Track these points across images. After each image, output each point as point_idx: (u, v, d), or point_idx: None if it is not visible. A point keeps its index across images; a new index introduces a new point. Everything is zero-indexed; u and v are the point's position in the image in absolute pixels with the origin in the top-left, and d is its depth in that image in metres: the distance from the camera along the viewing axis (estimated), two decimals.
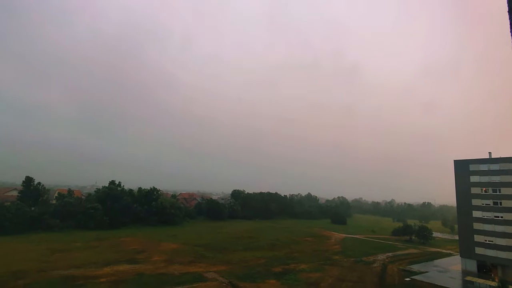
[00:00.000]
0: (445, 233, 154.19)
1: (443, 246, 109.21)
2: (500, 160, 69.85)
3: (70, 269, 51.92)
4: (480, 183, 72.38)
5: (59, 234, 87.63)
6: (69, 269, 51.88)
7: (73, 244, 73.88)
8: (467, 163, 75.30)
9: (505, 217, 67.10)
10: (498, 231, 67.67)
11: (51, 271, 50.10)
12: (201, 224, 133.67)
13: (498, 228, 67.85)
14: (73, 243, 74.97)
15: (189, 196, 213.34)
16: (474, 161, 74.30)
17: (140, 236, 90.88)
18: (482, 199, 71.60)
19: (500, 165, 69.41)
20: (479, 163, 73.25)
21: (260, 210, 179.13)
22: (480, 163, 73.08)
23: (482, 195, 71.73)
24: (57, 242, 74.59)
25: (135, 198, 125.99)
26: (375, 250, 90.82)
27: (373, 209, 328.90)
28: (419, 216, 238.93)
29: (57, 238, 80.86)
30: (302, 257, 74.64)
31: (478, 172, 73.03)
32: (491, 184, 70.46)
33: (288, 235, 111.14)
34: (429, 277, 61.67)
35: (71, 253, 63.79)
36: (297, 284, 50.89)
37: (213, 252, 73.30)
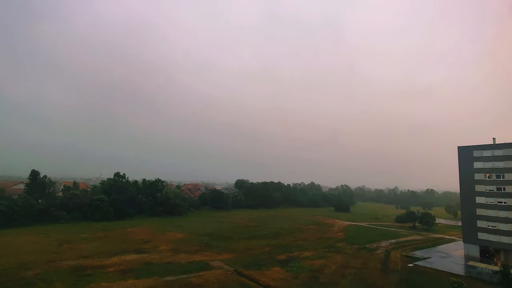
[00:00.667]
0: (448, 219, 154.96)
1: (446, 232, 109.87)
2: (504, 146, 69.34)
3: (79, 259, 53.03)
4: (484, 169, 72.12)
5: (66, 225, 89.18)
6: (77, 259, 53.00)
7: (80, 235, 75.22)
8: (471, 149, 74.88)
9: (509, 203, 67.11)
10: (501, 217, 67.80)
11: (60, 261, 51.22)
12: (205, 214, 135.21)
13: (501, 213, 67.95)
14: (80, 234, 76.33)
15: (193, 186, 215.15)
16: (478, 147, 73.85)
17: (146, 227, 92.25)
18: (486, 185, 71.48)
19: (504, 150, 68.95)
20: (483, 149, 72.81)
21: (264, 199, 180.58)
22: (484, 149, 72.63)
23: (486, 181, 71.59)
24: (64, 234, 75.98)
25: (140, 190, 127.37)
26: (378, 237, 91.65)
27: (376, 196, 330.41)
28: (422, 203, 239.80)
29: (64, 229, 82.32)
30: (306, 244, 75.56)
31: (482, 158, 72.67)
32: (495, 170, 70.20)
33: (291, 224, 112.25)
34: (432, 263, 62.32)
35: (78, 244, 65.03)
36: (301, 271, 51.69)
37: (218, 241, 74.37)
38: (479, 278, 53.18)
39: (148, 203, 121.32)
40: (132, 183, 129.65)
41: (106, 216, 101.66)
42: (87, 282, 41.32)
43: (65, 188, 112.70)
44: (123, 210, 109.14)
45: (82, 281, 41.65)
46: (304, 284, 45.30)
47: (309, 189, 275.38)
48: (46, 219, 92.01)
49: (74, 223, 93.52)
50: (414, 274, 53.74)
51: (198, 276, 46.35)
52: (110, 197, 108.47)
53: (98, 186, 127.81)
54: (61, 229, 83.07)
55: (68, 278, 42.71)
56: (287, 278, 47.91)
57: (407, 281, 49.67)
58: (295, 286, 43.97)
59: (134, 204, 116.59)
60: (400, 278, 51.05)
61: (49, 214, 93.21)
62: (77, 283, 40.77)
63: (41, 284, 40.12)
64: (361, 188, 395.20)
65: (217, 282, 44.17)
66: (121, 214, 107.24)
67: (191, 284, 42.64)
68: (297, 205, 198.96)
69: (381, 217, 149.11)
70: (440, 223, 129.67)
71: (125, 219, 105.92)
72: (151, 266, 50.98)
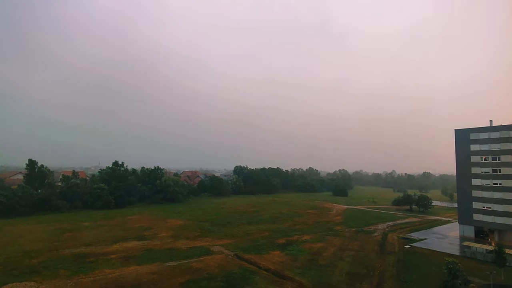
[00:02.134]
0: (444, 202, 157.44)
1: (442, 214, 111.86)
2: (501, 128, 69.74)
3: (81, 247, 53.82)
4: (480, 151, 72.77)
5: (67, 214, 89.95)
6: (79, 247, 53.78)
7: (82, 223, 76.04)
8: (468, 132, 75.27)
9: (504, 184, 68.14)
10: (496, 198, 68.97)
11: (63, 249, 51.99)
12: (205, 200, 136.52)
13: (496, 195, 69.09)
14: (81, 222, 77.14)
15: (192, 174, 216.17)
16: (475, 130, 74.22)
17: (146, 214, 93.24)
18: (482, 167, 72.32)
19: (501, 132, 69.40)
20: (480, 132, 73.22)
21: (263, 185, 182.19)
22: (481, 132, 73.04)
23: (482, 163, 72.38)
24: (66, 222, 76.76)
25: (139, 178, 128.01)
26: (375, 220, 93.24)
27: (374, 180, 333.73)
28: (419, 185, 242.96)
29: (65, 218, 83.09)
30: (304, 228, 76.84)
31: (478, 140, 73.17)
32: (491, 152, 70.85)
33: (290, 208, 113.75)
34: (428, 244, 63.76)
35: (80, 232, 65.83)
36: (301, 255, 52.80)
37: (218, 227, 75.44)
38: (474, 257, 54.64)
39: (147, 191, 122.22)
40: (131, 171, 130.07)
41: (106, 205, 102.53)
42: (90, 269, 42.11)
43: (64, 178, 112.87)
44: (123, 198, 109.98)
45: (86, 268, 42.44)
46: (303, 266, 46.37)
47: (308, 175, 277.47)
48: (46, 208, 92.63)
49: (75, 212, 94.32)
50: (411, 255, 55.09)
51: (199, 261, 47.28)
52: (110, 185, 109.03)
53: (97, 175, 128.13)
54: (62, 218, 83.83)
55: (71, 266, 43.47)
56: (287, 261, 48.97)
57: (403, 262, 50.95)
58: (294, 269, 45.00)
59: (134, 192, 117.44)
60: (397, 259, 52.32)
61: (50, 204, 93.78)
62: (80, 270, 41.54)
63: (45, 271, 40.84)
64: (359, 172, 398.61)
65: (218, 266, 45.10)
66: (121, 202, 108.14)
67: (192, 269, 43.53)
68: (296, 190, 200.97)
69: (379, 200, 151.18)
70: (437, 205, 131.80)
71: (126, 207, 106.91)
72: (152, 252, 51.85)
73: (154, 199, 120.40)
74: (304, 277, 41.81)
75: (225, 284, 38.19)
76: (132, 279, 38.78)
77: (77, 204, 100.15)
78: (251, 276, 41.42)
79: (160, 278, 39.71)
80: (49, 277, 38.72)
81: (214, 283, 38.26)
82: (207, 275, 40.99)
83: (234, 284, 38.33)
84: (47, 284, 36.41)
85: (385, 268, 47.28)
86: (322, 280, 40.99)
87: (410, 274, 45.11)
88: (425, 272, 46.12)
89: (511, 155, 67.57)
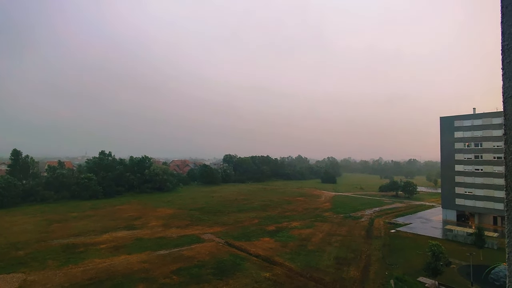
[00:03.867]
0: (429, 187, 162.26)
1: (426, 199, 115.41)
2: (483, 116, 71.75)
3: (70, 238, 53.33)
4: (464, 138, 74.93)
5: (54, 205, 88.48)
6: (68, 238, 53.28)
7: (70, 214, 75.06)
8: (452, 120, 77.15)
9: (485, 170, 70.65)
10: (477, 183, 71.59)
11: (51, 240, 51.40)
12: (195, 189, 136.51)
13: (477, 180, 71.68)
14: (69, 213, 76.13)
15: (182, 163, 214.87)
16: (459, 117, 76.13)
17: (135, 204, 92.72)
18: (465, 153, 74.62)
19: (483, 120, 71.44)
20: (463, 119, 75.17)
21: (253, 173, 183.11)
22: (464, 119, 75.01)
23: (465, 150, 74.65)
24: (53, 213, 75.61)
25: (127, 167, 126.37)
26: (363, 206, 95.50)
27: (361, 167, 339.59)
28: (405, 172, 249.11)
29: (52, 209, 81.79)
30: (294, 215, 78.14)
31: (462, 128, 75.20)
32: (474, 139, 73.06)
33: (280, 196, 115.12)
34: (412, 228, 66.00)
35: (68, 223, 65.07)
36: (290, 240, 53.87)
37: (208, 215, 75.85)
38: (455, 240, 57.03)
39: (136, 180, 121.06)
40: (119, 161, 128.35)
41: (95, 195, 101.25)
42: (80, 259, 41.93)
43: (49, 168, 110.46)
44: (112, 188, 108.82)
45: (75, 258, 42.23)
46: (292, 252, 47.41)
47: (297, 162, 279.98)
48: (32, 199, 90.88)
49: (62, 203, 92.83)
50: (396, 239, 57.01)
51: (190, 249, 47.68)
52: (98, 175, 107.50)
53: (84, 165, 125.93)
54: (49, 209, 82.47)
55: (60, 256, 43.15)
56: (276, 247, 49.93)
57: (389, 245, 52.73)
58: (284, 255, 45.97)
59: (122, 182, 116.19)
60: (383, 243, 54.07)
61: (36, 195, 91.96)
62: (70, 261, 41.31)
63: (33, 263, 40.44)
64: (347, 159, 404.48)
65: (209, 253, 45.63)
66: (110, 192, 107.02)
67: (183, 257, 43.91)
68: (285, 178, 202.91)
69: (366, 187, 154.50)
70: (421, 191, 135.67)
71: (114, 197, 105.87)
72: (142, 241, 51.89)
73: (143, 188, 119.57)
74: (294, 262, 42.82)
75: (216, 271, 38.78)
76: (122, 268, 38.88)
77: (64, 195, 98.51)
78: (242, 262, 42.14)
79: (151, 266, 39.95)
80: (37, 268, 38.40)
81: (205, 270, 38.79)
82: (198, 263, 41.47)
83: (225, 270, 38.97)
84: (35, 275, 36.12)
85: (372, 252, 48.84)
86: (311, 264, 42.09)
87: (395, 257, 46.81)
88: (409, 255, 47.93)
89: (492, 142, 69.87)
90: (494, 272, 37.76)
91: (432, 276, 37.22)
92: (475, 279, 38.11)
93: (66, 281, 34.85)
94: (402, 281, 37.66)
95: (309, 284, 35.93)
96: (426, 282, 37.85)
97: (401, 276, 39.06)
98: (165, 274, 37.30)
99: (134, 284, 34.43)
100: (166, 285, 34.55)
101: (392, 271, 40.91)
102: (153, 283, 34.94)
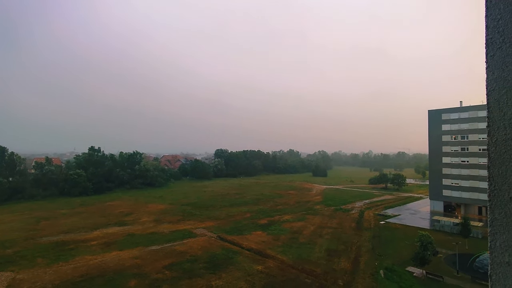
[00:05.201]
0: (417, 179, 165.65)
1: (415, 191, 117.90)
2: (470, 109, 73.32)
3: (59, 235, 52.56)
4: (451, 131, 76.56)
5: (42, 202, 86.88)
6: (58, 235, 52.51)
7: (59, 211, 73.88)
8: (440, 113, 78.62)
9: (471, 161, 72.47)
10: (463, 174, 73.47)
11: (40, 238, 50.57)
12: (186, 184, 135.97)
13: (463, 171, 73.53)
14: (58, 210, 74.93)
15: (173, 158, 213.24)
16: (446, 110, 77.63)
17: (126, 200, 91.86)
18: (452, 145, 76.33)
19: (469, 113, 73.03)
20: (450, 112, 76.71)
21: (244, 168, 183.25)
22: (451, 112, 76.54)
23: (452, 142, 76.34)
24: (41, 211, 74.27)
25: (117, 163, 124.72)
26: (353, 198, 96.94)
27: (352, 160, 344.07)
28: (394, 165, 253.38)
29: (40, 206, 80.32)
30: (285, 209, 78.80)
31: (449, 120, 76.76)
32: (460, 132, 74.74)
33: (272, 190, 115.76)
34: (401, 219, 67.46)
35: (57, 220, 64.07)
36: (282, 234, 54.40)
37: (200, 210, 75.78)
38: (442, 230, 58.63)
39: (126, 176, 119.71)
40: (109, 156, 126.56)
41: (84, 191, 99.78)
42: (70, 256, 41.45)
43: (37, 165, 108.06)
44: (102, 184, 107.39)
45: (65, 256, 41.72)
46: (284, 245, 47.92)
47: (288, 156, 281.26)
48: (20, 197, 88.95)
49: (50, 200, 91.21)
50: (386, 230, 58.21)
51: (182, 244, 47.67)
52: (87, 171, 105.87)
53: (73, 161, 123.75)
54: (37, 206, 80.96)
55: (50, 254, 42.56)
56: (269, 240, 50.37)
57: (379, 237, 53.82)
58: (276, 248, 46.44)
59: (112, 178, 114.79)
60: (373, 234, 55.15)
61: (23, 192, 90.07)
62: (60, 258, 40.80)
63: (22, 261, 39.79)
64: (338, 153, 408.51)
65: (201, 248, 45.73)
66: (100, 188, 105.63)
67: (176, 252, 43.89)
68: (277, 172, 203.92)
69: (356, 179, 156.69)
70: (410, 183, 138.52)
71: (104, 193, 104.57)
72: (134, 237, 51.59)
73: (134, 184, 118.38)
74: (286, 255, 43.33)
75: (209, 265, 38.93)
76: (114, 264, 38.65)
77: (53, 192, 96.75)
78: (234, 256, 42.41)
79: (143, 262, 39.82)
80: (26, 266, 37.81)
81: (197, 265, 38.90)
82: (191, 257, 41.53)
83: (218, 264, 39.16)
84: (24, 274, 35.60)
85: (362, 244, 49.78)
86: (303, 256, 42.67)
87: (385, 248, 47.85)
88: (398, 245, 49.06)
89: (478, 134, 71.58)
90: (478, 260, 39.07)
91: (420, 265, 38.27)
92: (461, 267, 39.34)
93: (57, 278, 34.47)
94: (391, 271, 38.61)
95: (301, 276, 36.47)
96: (414, 272, 38.91)
97: (391, 266, 40.04)
98: (157, 270, 37.26)
99: (126, 280, 34.30)
100: (158, 280, 34.54)
101: (382, 261, 41.86)
102: (145, 278, 34.87)
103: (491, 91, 1.40)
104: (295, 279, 35.82)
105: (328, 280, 35.55)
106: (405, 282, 35.87)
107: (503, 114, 1.35)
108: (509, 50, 1.32)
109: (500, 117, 1.36)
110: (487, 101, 1.43)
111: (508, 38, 1.32)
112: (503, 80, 1.35)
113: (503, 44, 1.34)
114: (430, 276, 37.56)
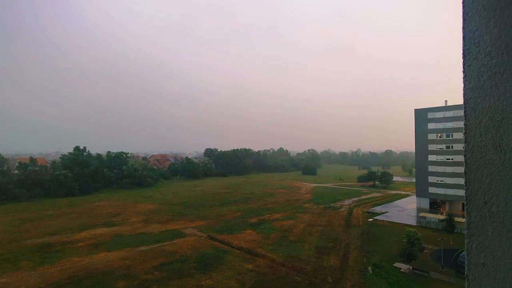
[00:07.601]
0: (404, 177, 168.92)
1: (402, 188, 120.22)
2: (454, 107, 75.19)
3: (45, 237, 51.32)
4: (436, 130, 78.39)
5: (27, 203, 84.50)
6: (43, 237, 51.26)
7: (44, 212, 72.08)
8: (426, 112, 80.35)
9: (455, 159, 74.38)
10: (448, 172, 75.32)
11: (24, 240, 49.24)
12: (176, 183, 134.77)
13: (448, 169, 75.40)
14: (43, 211, 73.09)
15: (162, 157, 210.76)
16: (432, 109, 79.40)
17: (114, 200, 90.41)
18: (437, 144, 78.16)
19: (454, 112, 74.90)
20: (436, 111, 78.50)
21: (234, 167, 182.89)
22: (437, 111, 78.34)
23: (437, 140, 78.17)
24: (26, 212, 72.30)
25: (104, 163, 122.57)
26: (342, 196, 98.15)
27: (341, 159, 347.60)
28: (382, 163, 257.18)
29: (25, 207, 78.15)
30: (275, 207, 79.13)
31: (435, 119, 78.54)
32: (445, 130, 76.60)
33: (262, 188, 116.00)
34: (389, 216, 68.73)
35: (43, 222, 62.51)
36: (272, 232, 54.65)
37: (190, 210, 75.30)
38: (428, 226, 60.05)
39: (114, 176, 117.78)
40: (95, 156, 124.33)
41: (71, 192, 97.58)
42: (56, 259, 40.55)
43: (20, 165, 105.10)
44: (88, 184, 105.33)
45: (51, 258, 40.79)
46: (274, 243, 48.17)
47: (278, 155, 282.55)
48: (3, 198, 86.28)
49: (35, 201, 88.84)
50: (374, 228, 59.22)
51: (172, 244, 47.31)
52: (73, 172, 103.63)
53: (58, 161, 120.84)
54: (21, 207, 78.73)
55: (35, 256, 41.53)
56: (259, 239, 50.53)
57: (367, 234, 54.72)
58: (266, 246, 46.63)
59: (98, 178, 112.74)
60: (361, 232, 56.02)
61: (7, 193, 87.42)
62: (45, 261, 39.86)
63: (5, 264, 38.70)
64: (327, 151, 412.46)
65: (191, 248, 45.49)
66: (87, 188, 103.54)
67: (165, 252, 43.53)
68: (267, 170, 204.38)
69: (345, 178, 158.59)
70: (397, 181, 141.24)
71: (91, 194, 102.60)
72: (122, 238, 50.87)
73: (122, 184, 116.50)
74: (276, 253, 43.57)
75: (199, 264, 38.79)
76: (102, 266, 38.05)
77: (38, 192, 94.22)
78: (224, 255, 42.38)
79: (132, 263, 39.34)
80: (10, 270, 36.81)
81: (187, 264, 38.70)
82: (181, 257, 41.28)
83: (208, 264, 39.06)
84: (8, 277, 34.65)
85: (351, 241, 50.52)
86: (293, 254, 43.00)
87: (373, 245, 48.69)
88: (386, 242, 49.98)
89: (462, 132, 73.25)
90: (462, 255, 40.18)
91: (407, 261, 39.16)
92: (446, 262, 40.42)
93: (42, 281, 33.69)
94: (379, 267, 39.36)
95: (291, 274, 36.76)
96: (401, 267, 39.77)
97: (378, 262, 40.81)
98: (146, 270, 36.89)
99: (114, 281, 33.82)
100: (147, 281, 34.20)
101: (370, 258, 42.60)
102: (135, 279, 34.48)
103: (468, 100, 1.44)
104: (285, 277, 36.08)
105: (317, 277, 35.97)
106: (392, 278, 36.62)
107: (479, 121, 1.39)
108: (484, 61, 1.36)
109: (476, 124, 1.41)
110: (464, 109, 1.46)
111: (483, 49, 1.36)
112: (479, 89, 1.39)
113: (478, 54, 1.38)
114: (416, 271, 38.45)
